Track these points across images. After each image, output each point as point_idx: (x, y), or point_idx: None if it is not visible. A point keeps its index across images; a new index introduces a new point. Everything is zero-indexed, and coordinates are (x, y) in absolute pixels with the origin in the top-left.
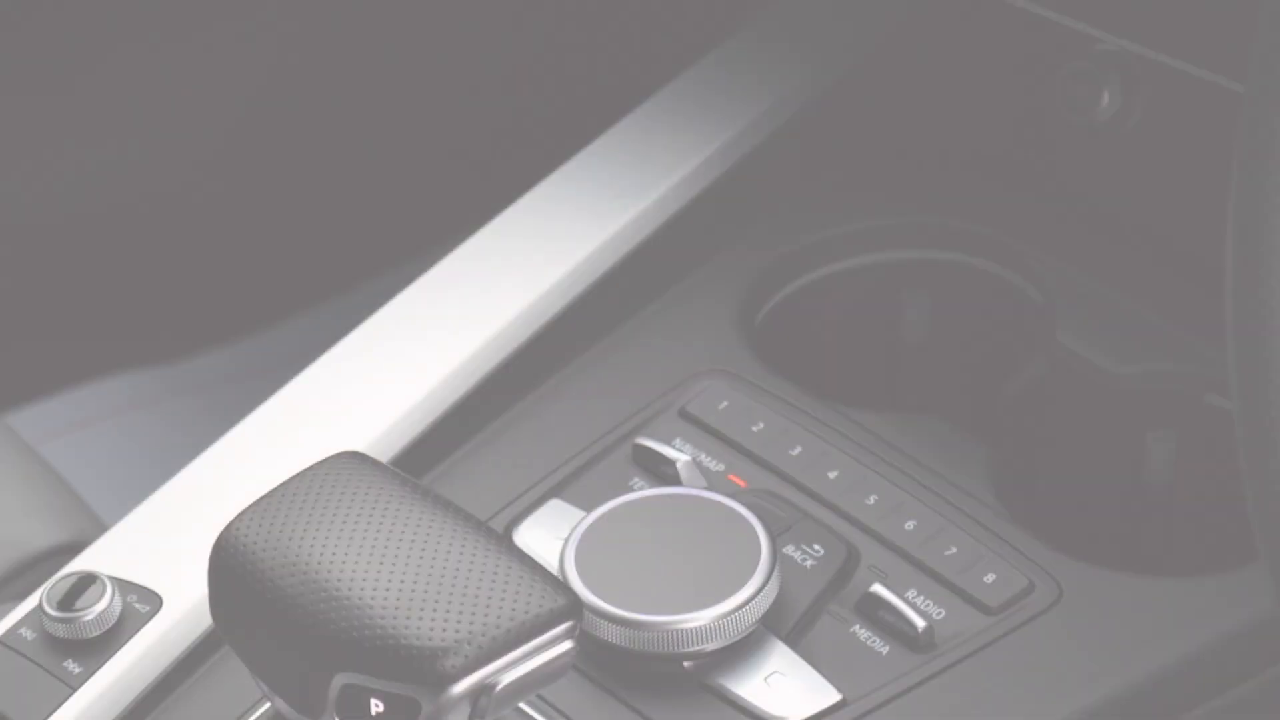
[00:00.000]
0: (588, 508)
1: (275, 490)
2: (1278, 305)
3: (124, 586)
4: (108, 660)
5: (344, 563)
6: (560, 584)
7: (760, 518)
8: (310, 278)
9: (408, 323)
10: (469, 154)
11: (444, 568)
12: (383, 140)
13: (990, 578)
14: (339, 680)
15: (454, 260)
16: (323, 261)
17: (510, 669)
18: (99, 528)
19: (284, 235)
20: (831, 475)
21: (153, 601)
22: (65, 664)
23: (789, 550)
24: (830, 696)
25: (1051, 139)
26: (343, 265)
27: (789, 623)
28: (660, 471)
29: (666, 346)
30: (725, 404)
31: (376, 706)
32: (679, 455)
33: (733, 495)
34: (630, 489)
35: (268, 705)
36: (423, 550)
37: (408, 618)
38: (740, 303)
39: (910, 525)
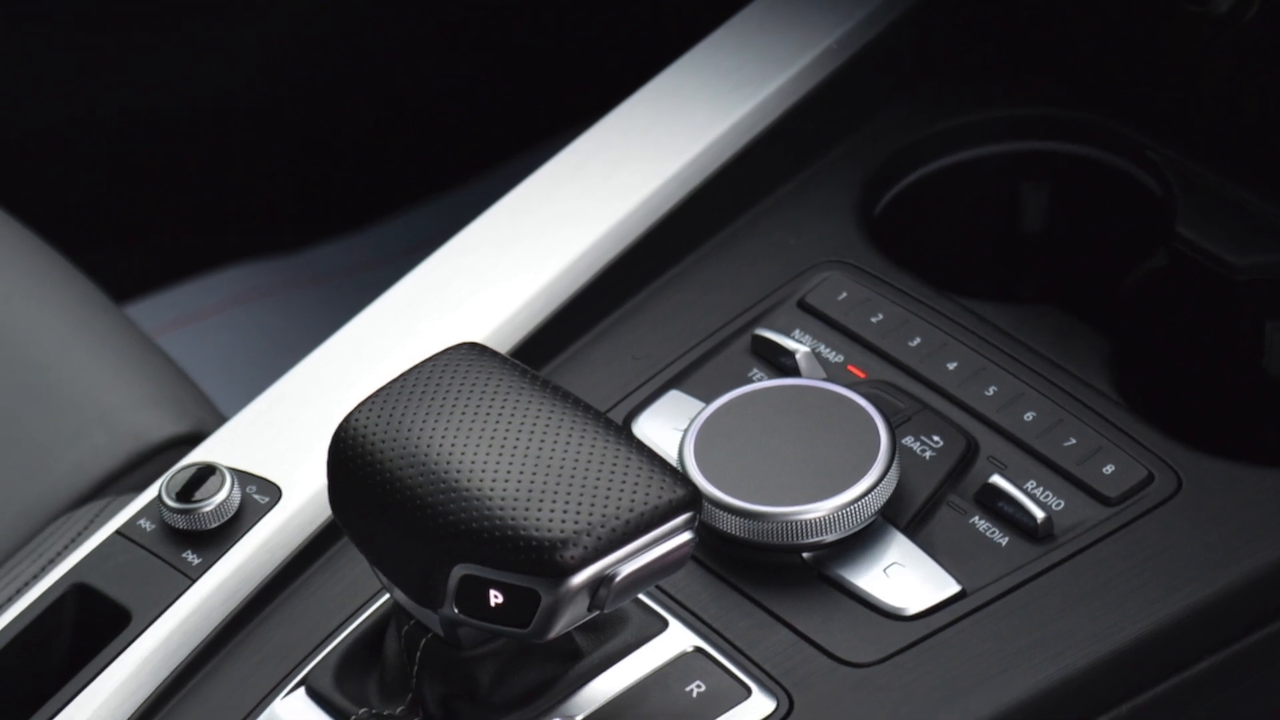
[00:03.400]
0: (707, 399)
1: (394, 381)
2: None
3: (243, 478)
4: (227, 551)
5: (463, 453)
6: (680, 475)
7: (879, 409)
8: (429, 169)
9: (527, 214)
10: (587, 45)
11: (563, 458)
12: (501, 34)
13: (1109, 469)
14: (458, 571)
15: (573, 152)
16: (442, 153)
17: (629, 560)
18: (218, 419)
19: (402, 128)
20: (950, 366)
21: (272, 492)
22: (184, 555)
23: (908, 441)
24: (949, 587)
25: (1170, 31)
26: (462, 157)
27: (908, 514)
28: (779, 362)
29: (785, 238)
30: (844, 295)
31: (495, 597)
32: (798, 346)
33: (851, 386)
34: (749, 380)
35: (386, 596)
36: (542, 441)
37: (526, 509)
38: (859, 194)
39: (1029, 416)
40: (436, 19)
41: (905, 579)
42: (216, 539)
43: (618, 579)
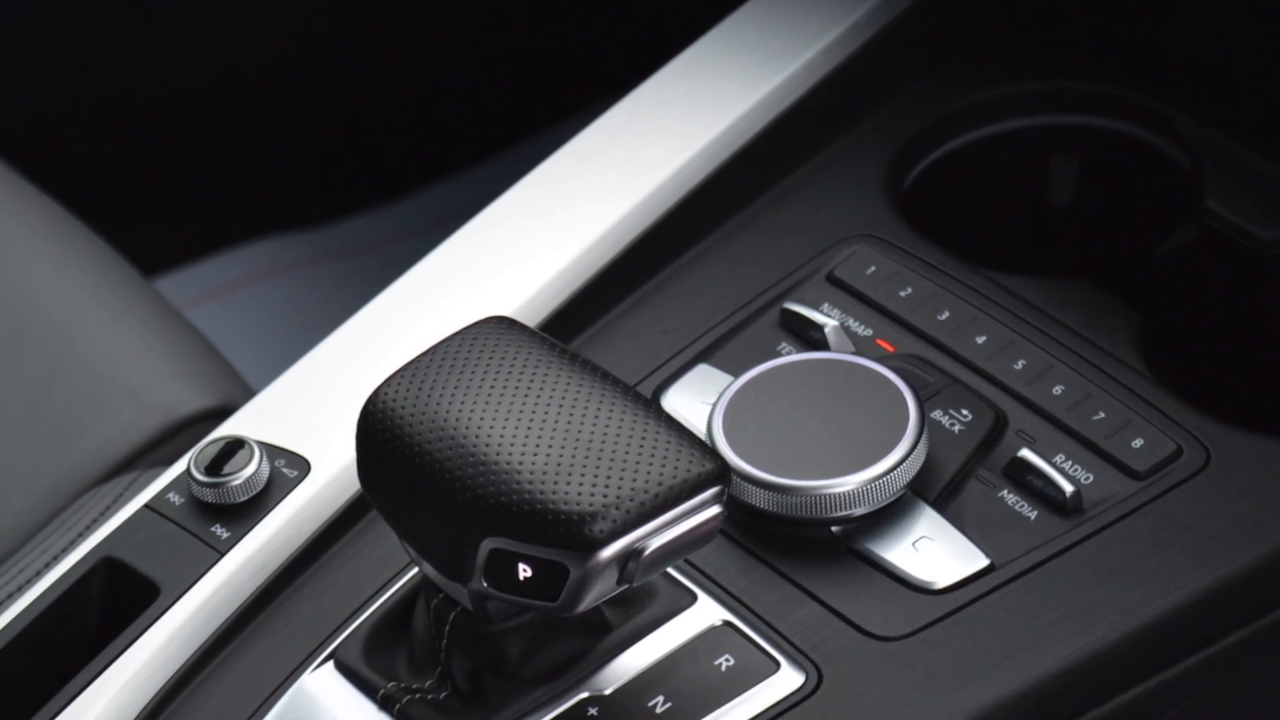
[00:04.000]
0: (735, 372)
1: (422, 355)
2: None
3: (272, 451)
4: (255, 525)
5: (491, 427)
6: (709, 449)
7: (908, 382)
8: (458, 143)
9: (556, 188)
10: (617, 19)
11: (592, 432)
12: (530, 8)
13: (1138, 442)
14: (487, 545)
15: (602, 126)
16: (470, 127)
17: (658, 534)
18: (247, 393)
19: (430, 102)
20: (979, 340)
21: (300, 466)
22: (213, 528)
23: (937, 415)
24: (978, 561)
25: (1199, 4)
26: (490, 131)
27: (937, 488)
28: (808, 336)
29: (814, 212)
30: (873, 269)
31: (524, 571)
32: (827, 320)
33: (880, 360)
34: (778, 353)
35: (415, 570)
36: (570, 414)
37: (555, 482)
38: (888, 168)
39: (1058, 390)
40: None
41: (934, 553)
42: (245, 513)
43: (646, 553)
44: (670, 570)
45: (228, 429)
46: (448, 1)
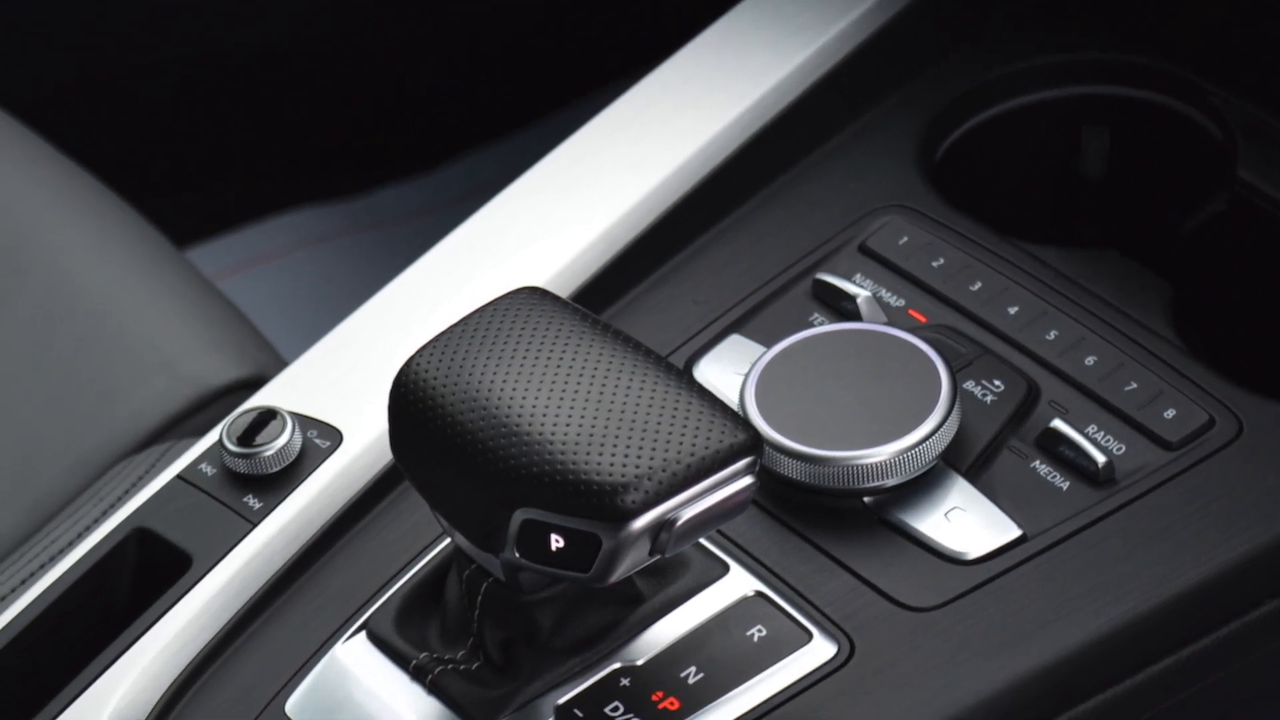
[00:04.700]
0: (768, 343)
1: (455, 325)
2: None
3: (304, 422)
4: (288, 495)
5: (524, 398)
6: (741, 419)
7: (940, 353)
8: (490, 114)
9: (588, 159)
10: None
11: (624, 403)
12: None
13: (1170, 413)
14: (519, 516)
15: (634, 97)
16: (502, 98)
17: (690, 504)
18: (279, 363)
19: (462, 73)
20: (1011, 310)
21: (333, 436)
22: (245, 499)
23: (969, 386)
24: (1010, 532)
25: None
26: (522, 101)
27: (969, 458)
28: (840, 307)
29: (846, 182)
30: (905, 239)
31: (556, 542)
32: (859, 290)
33: (913, 330)
34: (810, 324)
35: (448, 540)
36: (603, 385)
37: (588, 453)
38: (920, 138)
39: (1090, 360)
40: None
41: (966, 523)
42: (277, 483)
43: (679, 523)
44: (702, 541)
45: (260, 399)
46: None
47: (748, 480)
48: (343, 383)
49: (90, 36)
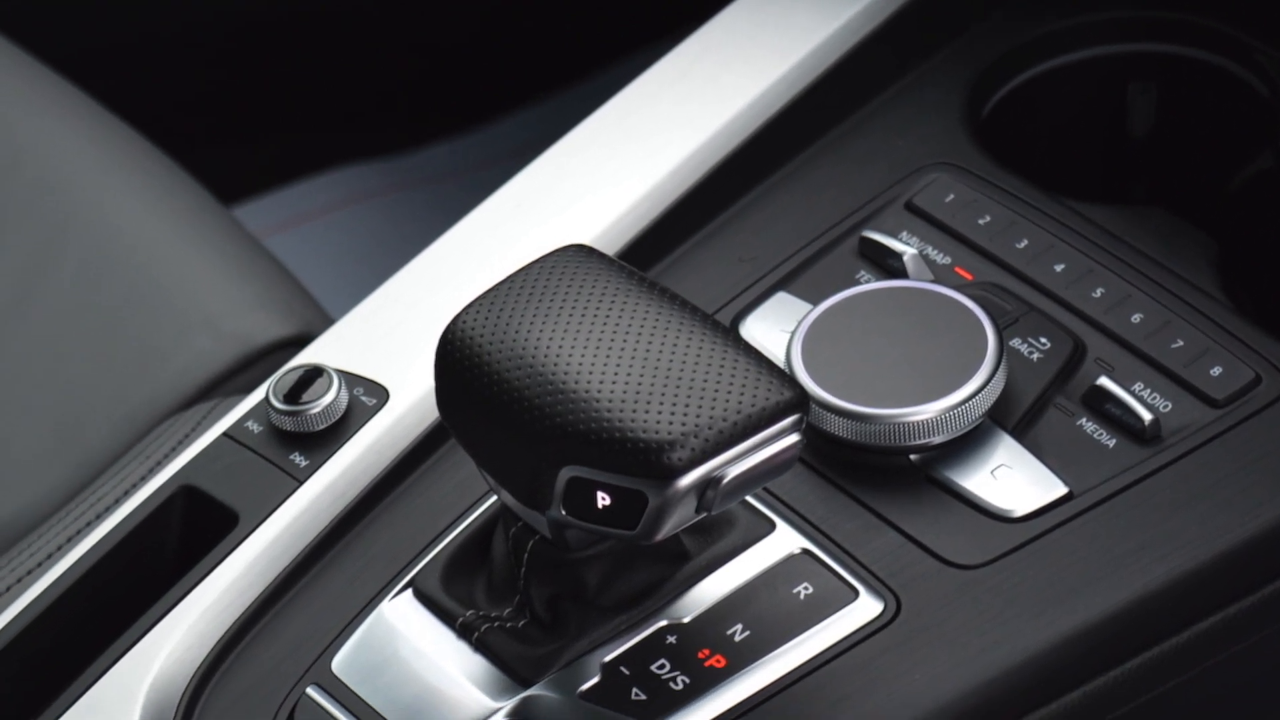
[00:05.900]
0: (814, 300)
1: (501, 283)
2: None
3: (350, 379)
4: (334, 453)
5: (570, 355)
6: (788, 377)
7: (987, 310)
8: (537, 71)
9: (635, 116)
10: None
11: (671, 360)
12: None
13: (1217, 370)
14: (565, 473)
15: (681, 53)
16: (549, 54)
17: (737, 462)
18: (325, 321)
19: (511, 29)
20: (1058, 268)
21: (379, 394)
22: (292, 456)
23: (1015, 343)
24: (1057, 489)
25: None
26: (570, 58)
27: (1015, 416)
28: (887, 264)
29: (893, 140)
30: (951, 197)
31: (603, 499)
32: (905, 248)
33: (959, 288)
34: (857, 282)
35: (494, 498)
36: (649, 343)
37: (634, 410)
38: (967, 96)
39: (1136, 318)
40: None
41: (1013, 481)
42: (324, 441)
43: (725, 481)
44: (749, 498)
45: (306, 357)
46: None
47: (794, 438)
48: (389, 340)
49: None
